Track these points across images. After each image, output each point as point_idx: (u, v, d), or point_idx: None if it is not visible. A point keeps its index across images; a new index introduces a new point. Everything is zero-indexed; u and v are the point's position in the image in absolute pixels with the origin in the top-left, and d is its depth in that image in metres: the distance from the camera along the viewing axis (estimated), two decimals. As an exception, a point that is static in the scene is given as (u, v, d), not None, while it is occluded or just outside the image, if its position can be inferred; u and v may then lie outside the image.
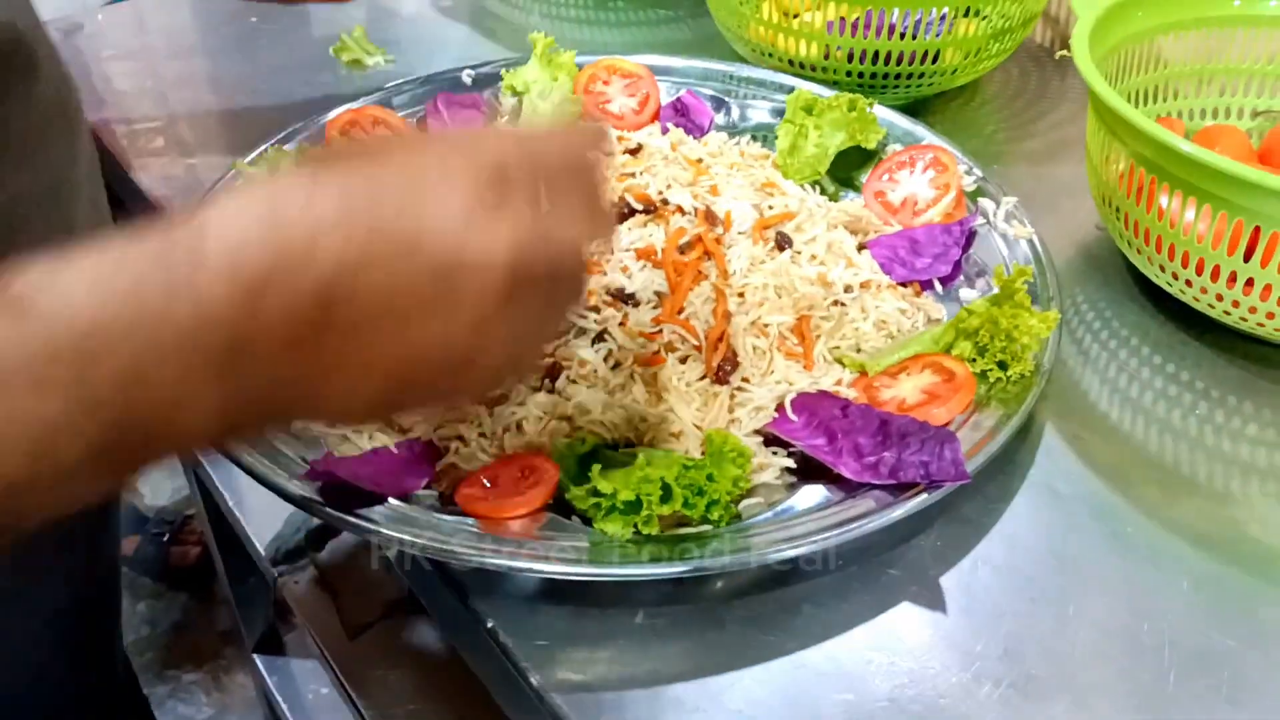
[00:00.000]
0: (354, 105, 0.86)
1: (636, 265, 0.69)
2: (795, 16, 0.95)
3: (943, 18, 0.90)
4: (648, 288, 0.67)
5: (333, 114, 0.85)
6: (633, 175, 0.75)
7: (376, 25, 1.11)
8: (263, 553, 1.14)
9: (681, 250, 0.69)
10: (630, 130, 0.89)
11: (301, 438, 0.59)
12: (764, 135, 0.88)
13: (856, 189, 0.84)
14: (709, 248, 0.69)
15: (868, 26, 0.90)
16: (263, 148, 0.79)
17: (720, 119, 0.90)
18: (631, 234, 0.71)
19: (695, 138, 0.87)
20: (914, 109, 0.96)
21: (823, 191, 0.82)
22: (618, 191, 0.73)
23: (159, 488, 2.03)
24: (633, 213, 0.72)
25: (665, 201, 0.73)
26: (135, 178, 0.88)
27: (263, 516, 1.17)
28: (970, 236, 0.74)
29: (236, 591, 1.51)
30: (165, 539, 1.86)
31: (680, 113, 0.90)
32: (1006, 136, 0.96)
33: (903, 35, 0.90)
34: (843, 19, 0.91)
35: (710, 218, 0.72)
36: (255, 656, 1.36)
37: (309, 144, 0.81)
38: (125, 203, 0.93)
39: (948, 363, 0.63)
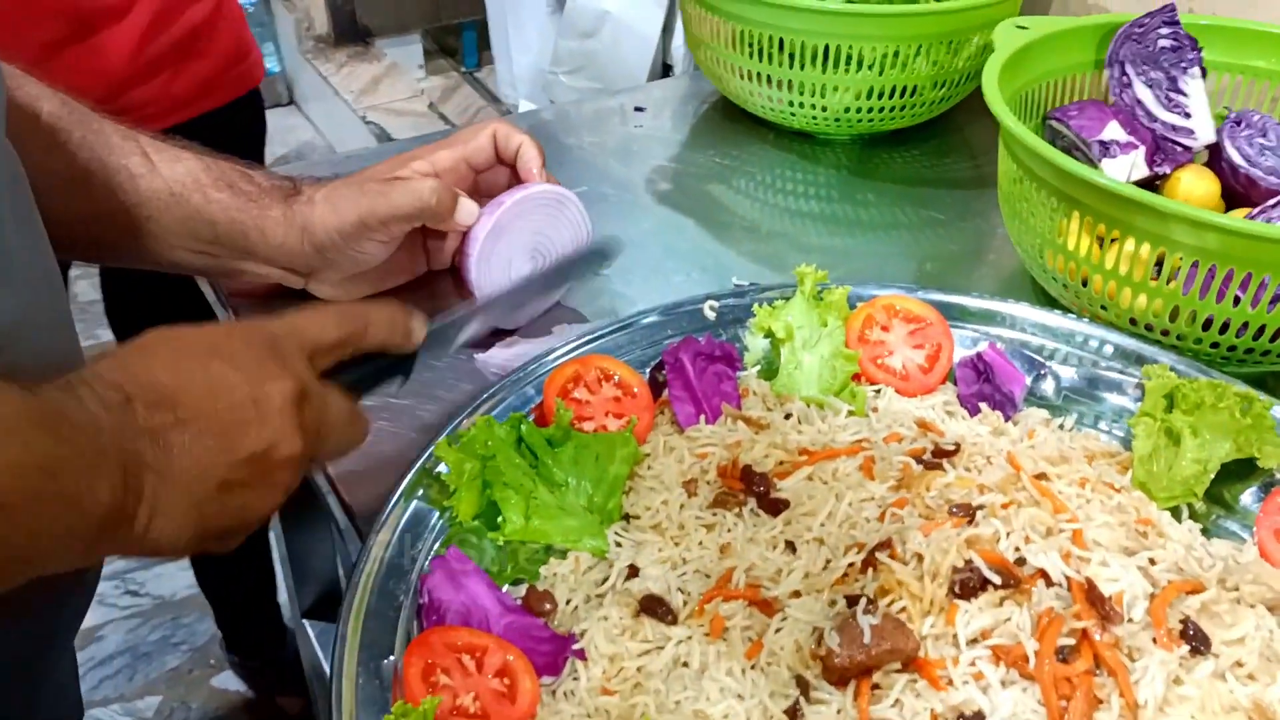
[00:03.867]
0: (574, 354, 0.68)
1: (994, 672, 0.49)
2: (1114, 241, 0.75)
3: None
4: (1018, 715, 0.47)
5: (550, 365, 0.67)
6: (970, 521, 0.55)
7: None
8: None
9: (1061, 655, 0.49)
10: (919, 393, 0.69)
11: None
12: (1096, 418, 0.68)
13: (1228, 506, 0.63)
14: (1101, 657, 0.49)
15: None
16: (459, 419, 0.62)
17: (1029, 379, 0.70)
18: (982, 617, 0.51)
19: (1006, 416, 0.68)
20: (1261, 379, 0.75)
21: (1191, 514, 0.62)
22: (962, 553, 0.52)
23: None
24: (984, 585, 0.52)
25: (1021, 561, 0.53)
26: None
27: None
28: None
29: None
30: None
31: (982, 375, 0.70)
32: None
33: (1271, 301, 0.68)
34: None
35: (1094, 599, 0.51)
36: None
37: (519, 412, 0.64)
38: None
39: None
